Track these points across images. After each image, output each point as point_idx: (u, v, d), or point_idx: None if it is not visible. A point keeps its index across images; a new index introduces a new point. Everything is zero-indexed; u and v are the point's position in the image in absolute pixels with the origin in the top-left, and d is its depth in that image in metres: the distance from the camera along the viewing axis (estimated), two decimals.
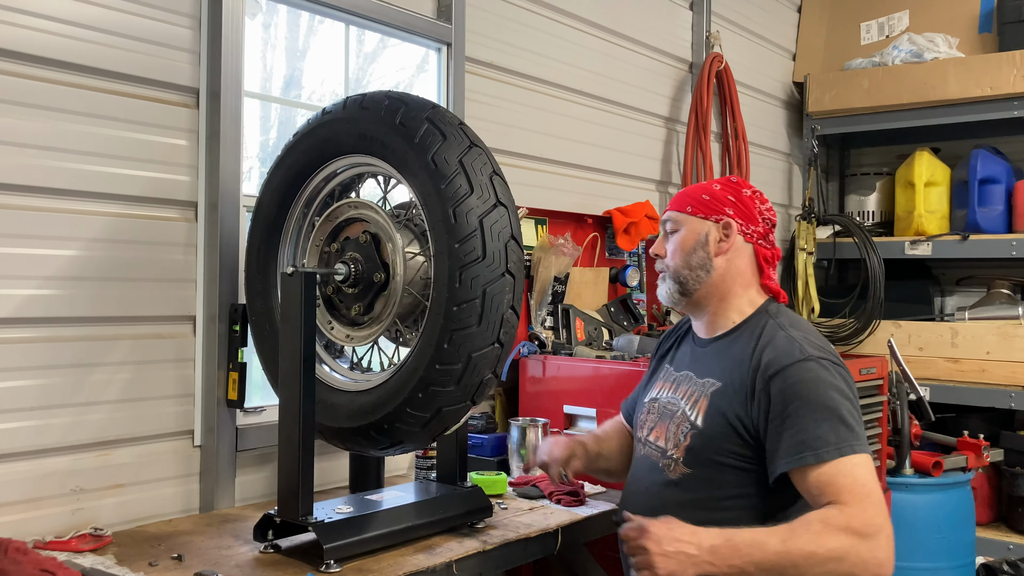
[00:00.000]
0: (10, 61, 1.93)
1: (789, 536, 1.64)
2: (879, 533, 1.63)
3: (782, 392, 1.76)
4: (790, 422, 1.74)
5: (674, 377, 2.04)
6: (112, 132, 2.10)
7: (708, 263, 1.95)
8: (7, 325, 1.94)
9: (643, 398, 2.11)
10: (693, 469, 1.88)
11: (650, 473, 1.96)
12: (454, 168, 1.78)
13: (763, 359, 1.82)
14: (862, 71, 4.58)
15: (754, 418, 1.80)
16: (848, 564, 1.61)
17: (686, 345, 2.10)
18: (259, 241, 2.10)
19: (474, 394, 1.80)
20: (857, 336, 4.54)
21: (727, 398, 1.87)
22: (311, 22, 2.72)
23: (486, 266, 1.74)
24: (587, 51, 3.54)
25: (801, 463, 1.70)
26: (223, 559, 1.84)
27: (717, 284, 1.96)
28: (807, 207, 4.72)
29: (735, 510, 1.85)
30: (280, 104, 2.68)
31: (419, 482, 2.32)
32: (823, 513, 1.66)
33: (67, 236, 2.03)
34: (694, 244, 1.96)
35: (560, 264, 3.10)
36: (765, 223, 2.00)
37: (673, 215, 2.02)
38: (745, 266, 1.97)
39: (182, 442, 2.24)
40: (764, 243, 1.99)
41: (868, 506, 1.65)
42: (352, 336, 1.99)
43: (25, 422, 1.97)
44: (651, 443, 1.99)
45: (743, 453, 1.83)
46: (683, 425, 1.91)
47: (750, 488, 1.84)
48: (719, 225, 1.96)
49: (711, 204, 1.98)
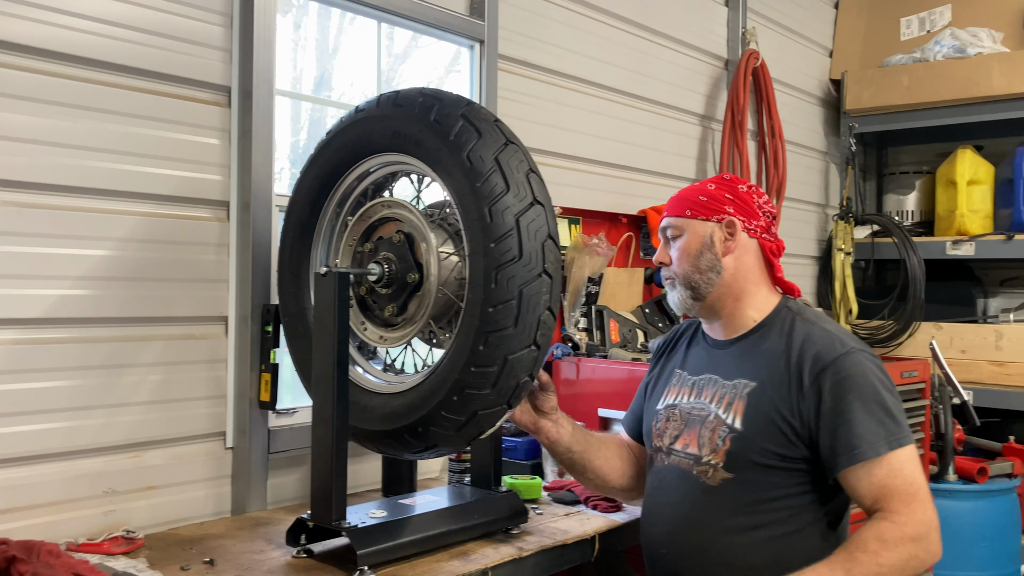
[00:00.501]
0: (43, 60, 1.92)
1: (851, 564, 1.65)
2: (930, 529, 1.69)
3: (833, 387, 1.77)
4: (843, 418, 1.75)
5: (692, 381, 2.00)
6: (144, 131, 2.08)
7: (717, 264, 1.93)
8: (40, 326, 1.93)
9: (653, 406, 2.06)
10: (735, 474, 1.83)
11: (682, 482, 1.91)
12: (490, 166, 1.73)
13: (806, 354, 1.82)
14: (902, 67, 4.48)
15: (804, 415, 1.79)
16: (911, 570, 1.66)
17: (697, 348, 2.06)
18: (292, 241, 2.07)
19: (510, 397, 1.75)
20: (896, 338, 4.44)
21: (766, 397, 1.83)
22: (341, 22, 2.69)
23: (522, 266, 1.70)
24: (621, 48, 3.49)
25: (856, 459, 1.73)
26: (255, 564, 1.82)
27: (730, 284, 1.94)
28: (845, 207, 4.63)
29: (780, 511, 1.81)
30: (312, 103, 2.66)
31: (453, 486, 2.28)
32: (876, 529, 1.68)
33: (99, 236, 2.02)
34: (700, 247, 1.94)
35: (594, 264, 3.05)
36: (766, 216, 1.98)
37: (673, 221, 1.99)
38: (754, 262, 1.96)
39: (214, 444, 2.22)
40: (768, 236, 1.98)
41: (917, 507, 1.69)
42: (385, 337, 1.95)
43: (57, 423, 1.95)
44: (678, 451, 1.94)
45: (787, 454, 1.81)
46: (719, 429, 1.86)
47: (795, 488, 1.82)
48: (722, 224, 1.94)
49: (710, 204, 1.95)
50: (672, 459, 1.95)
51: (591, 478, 2.09)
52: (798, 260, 4.60)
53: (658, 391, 2.08)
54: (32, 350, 1.92)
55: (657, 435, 2.01)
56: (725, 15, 4.06)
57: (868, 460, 1.72)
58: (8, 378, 1.88)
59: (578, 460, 2.06)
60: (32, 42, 1.90)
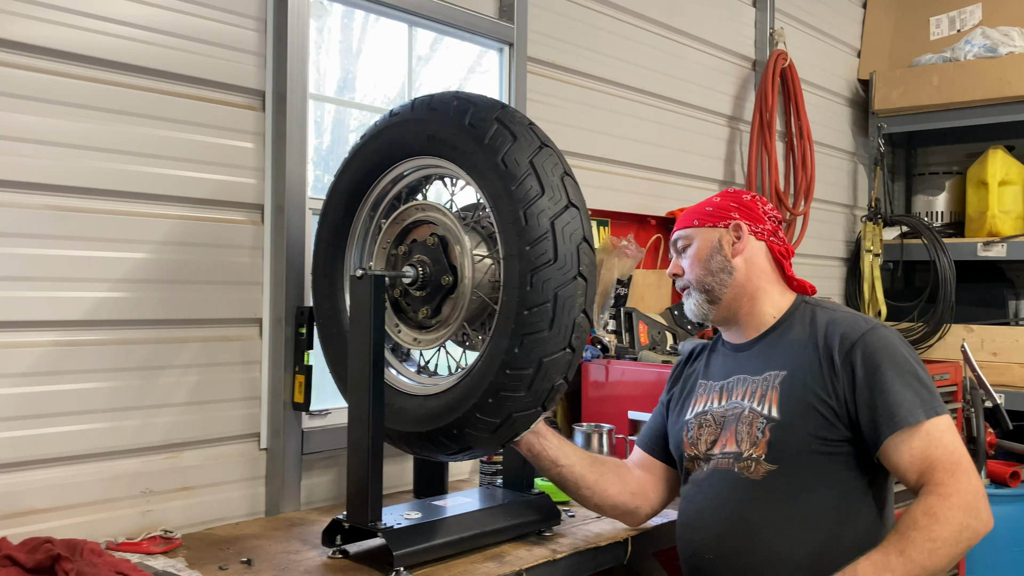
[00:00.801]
0: (83, 66, 1.95)
1: (905, 544, 1.64)
2: (977, 497, 1.68)
3: (864, 362, 1.80)
4: (879, 389, 1.77)
5: (719, 386, 2.01)
6: (180, 135, 2.10)
7: (728, 265, 1.98)
8: (79, 328, 1.96)
9: (681, 419, 2.06)
10: (778, 465, 1.84)
11: (724, 483, 1.90)
12: (525, 169, 1.74)
13: (833, 335, 1.86)
14: (932, 67, 4.44)
15: (840, 393, 1.81)
16: (965, 540, 1.65)
17: (719, 357, 2.07)
18: (326, 244, 2.08)
19: (545, 400, 1.76)
20: (926, 340, 4.41)
21: (800, 381, 1.86)
22: (364, 24, 2.69)
23: (558, 269, 1.70)
24: (649, 49, 3.49)
25: (897, 426, 1.74)
26: (292, 564, 1.83)
27: (743, 284, 1.98)
28: (873, 208, 4.60)
29: (827, 501, 1.82)
30: (345, 106, 2.67)
31: (485, 488, 2.29)
32: (924, 505, 1.68)
33: (137, 239, 2.04)
34: (710, 251, 1.99)
35: (623, 266, 3.05)
36: (771, 221, 2.04)
37: (682, 232, 2.06)
38: (765, 262, 2.01)
39: (248, 445, 2.24)
40: (775, 239, 2.03)
41: (961, 476, 1.69)
42: (419, 339, 1.96)
43: (96, 424, 1.98)
44: (717, 454, 1.93)
45: (828, 436, 1.82)
46: (757, 421, 1.87)
47: (841, 472, 1.83)
48: (729, 228, 2.00)
49: (716, 213, 2.02)
50: (711, 464, 1.94)
51: (588, 495, 2.02)
52: (826, 262, 4.57)
53: (683, 405, 2.09)
54: (72, 352, 1.94)
55: (690, 444, 2.00)
56: (753, 16, 4.05)
57: (908, 427, 1.73)
58: (49, 379, 1.91)
59: (568, 475, 1.99)
60: (73, 48, 1.93)
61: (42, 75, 1.89)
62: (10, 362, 1.86)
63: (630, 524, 2.10)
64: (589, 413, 2.83)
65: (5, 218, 1.84)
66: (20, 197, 1.86)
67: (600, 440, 2.55)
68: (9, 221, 1.85)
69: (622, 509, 2.06)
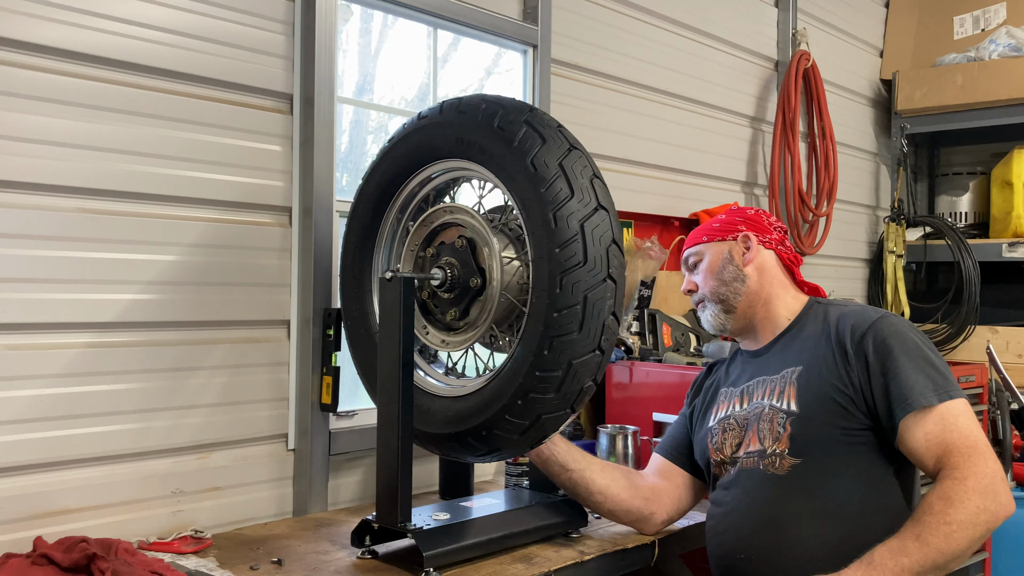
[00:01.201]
0: (114, 70, 1.97)
1: (921, 529, 1.64)
2: (995, 480, 1.67)
3: (876, 349, 1.82)
4: (891, 374, 1.80)
5: (740, 390, 2.04)
6: (209, 138, 2.12)
7: (740, 273, 2.04)
8: (111, 329, 1.98)
9: (704, 427, 2.09)
10: (802, 458, 1.86)
11: (752, 482, 1.92)
12: (554, 171, 1.74)
13: (844, 327, 1.89)
14: (956, 67, 4.41)
15: (855, 383, 1.83)
16: (983, 524, 1.64)
17: (738, 365, 2.11)
18: (354, 246, 2.09)
19: (574, 402, 1.76)
20: (951, 342, 4.38)
21: (815, 374, 1.88)
22: (382, 26, 2.69)
23: (587, 271, 1.70)
24: (671, 50, 3.48)
25: (909, 408, 1.75)
26: (322, 564, 1.84)
27: (756, 291, 2.04)
28: (896, 208, 4.57)
29: (853, 492, 1.82)
30: (371, 109, 2.69)
31: (511, 489, 2.29)
32: (939, 490, 1.68)
33: (167, 241, 2.06)
34: (721, 263, 2.06)
35: (647, 268, 3.05)
36: (777, 231, 2.12)
37: (692, 250, 2.13)
38: (775, 269, 2.07)
39: (276, 446, 2.26)
40: (783, 247, 2.10)
41: (977, 459, 1.69)
42: (448, 341, 1.97)
43: (127, 424, 2.00)
44: (742, 456, 1.95)
45: (848, 425, 1.84)
46: (777, 417, 1.90)
47: (863, 462, 1.84)
48: (738, 240, 2.07)
49: (723, 228, 2.10)
50: (738, 466, 1.96)
51: (599, 500, 2.03)
52: (848, 263, 4.55)
53: (705, 413, 2.12)
54: (104, 353, 1.97)
55: (716, 450, 2.02)
56: (775, 16, 4.03)
57: (920, 409, 1.74)
58: (82, 380, 1.93)
59: (578, 480, 2.01)
60: (107, 53, 1.95)
61: (78, 80, 1.91)
62: (44, 363, 1.88)
63: (644, 531, 2.09)
64: (613, 415, 2.83)
65: (40, 221, 1.87)
66: (54, 200, 1.89)
67: (625, 442, 2.55)
68: (44, 224, 1.87)
69: (636, 515, 2.06)
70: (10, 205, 1.83)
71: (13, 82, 1.83)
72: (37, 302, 1.86)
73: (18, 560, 1.66)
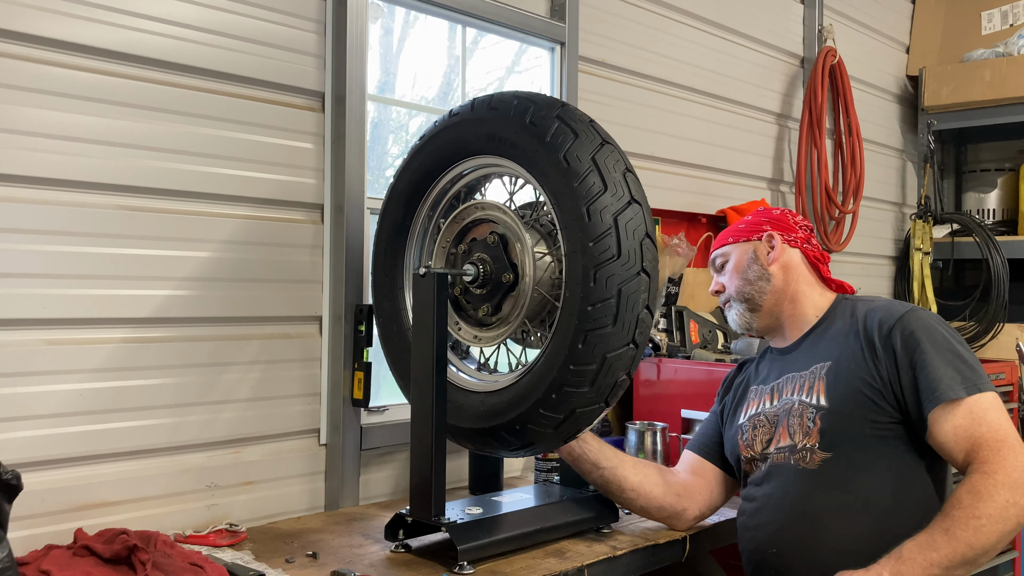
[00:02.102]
0: (149, 68, 1.99)
1: (950, 523, 1.64)
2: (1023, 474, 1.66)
3: (903, 343, 1.82)
4: (919, 367, 1.79)
5: (770, 388, 2.05)
6: (242, 136, 2.14)
7: (765, 272, 2.05)
8: (148, 325, 2.00)
9: (735, 424, 2.09)
10: (832, 452, 1.86)
11: (783, 478, 1.93)
12: (587, 166, 1.75)
13: (872, 322, 1.89)
14: (984, 62, 4.37)
15: (884, 376, 1.83)
16: (1012, 518, 1.63)
17: (767, 363, 2.12)
18: (386, 243, 2.11)
19: (608, 396, 1.76)
20: (979, 340, 4.33)
21: (845, 369, 1.89)
22: (405, 22, 2.70)
23: (621, 265, 1.71)
24: (697, 47, 3.48)
25: (937, 401, 1.75)
26: (356, 558, 1.86)
27: (782, 288, 2.04)
28: (923, 205, 4.53)
29: (884, 485, 1.82)
30: (401, 107, 2.70)
31: (541, 484, 2.30)
32: (968, 484, 1.67)
33: (201, 238, 2.08)
34: (746, 262, 2.07)
35: (674, 265, 3.05)
36: (803, 229, 2.11)
37: (719, 251, 2.15)
38: (801, 266, 2.07)
39: (308, 441, 2.28)
40: (809, 246, 2.10)
41: (1007, 453, 1.68)
42: (480, 337, 1.98)
43: (163, 419, 2.02)
44: (773, 452, 1.96)
45: (878, 419, 1.83)
46: (807, 412, 1.90)
47: (894, 456, 1.84)
48: (762, 240, 2.07)
49: (749, 228, 2.11)
50: (768, 462, 1.96)
51: (632, 497, 2.04)
52: (875, 260, 4.52)
53: (736, 411, 2.13)
54: (141, 348, 1.99)
55: (746, 446, 2.03)
56: (801, 12, 4.02)
57: (948, 402, 1.74)
58: (119, 375, 1.96)
59: (610, 477, 2.03)
60: (142, 52, 1.97)
61: (116, 79, 1.94)
62: (83, 358, 1.90)
63: (676, 527, 2.09)
64: (641, 412, 2.83)
65: (80, 218, 1.89)
66: (94, 198, 1.91)
67: (654, 438, 2.55)
68: (84, 221, 1.90)
69: (668, 511, 2.07)
70: (52, 202, 1.86)
71: (53, 81, 1.85)
72: (76, 298, 1.89)
73: (60, 551, 1.69)
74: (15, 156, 1.81)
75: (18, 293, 1.81)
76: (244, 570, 1.71)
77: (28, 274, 1.83)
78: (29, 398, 1.83)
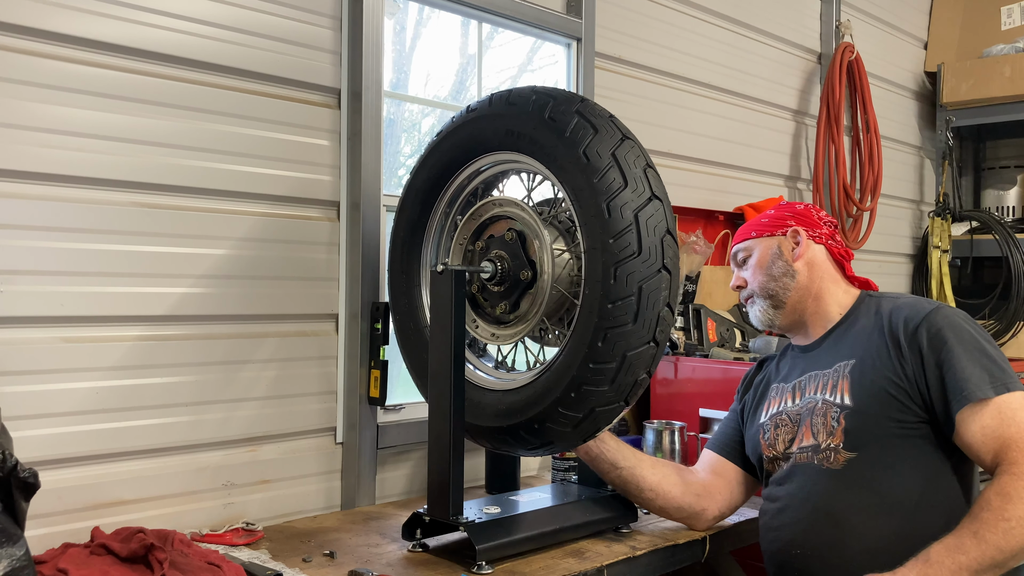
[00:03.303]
0: (164, 65, 1.98)
1: (978, 526, 1.61)
2: None
3: (930, 341, 1.79)
4: (947, 366, 1.76)
5: (792, 386, 2.02)
6: (259, 133, 2.13)
7: (790, 269, 2.01)
8: (164, 323, 1.99)
9: (756, 423, 2.07)
10: (857, 452, 1.83)
11: (806, 477, 1.90)
12: (607, 161, 1.73)
13: (897, 319, 1.86)
14: (1004, 58, 4.33)
15: (910, 375, 1.80)
16: None
17: (789, 360, 2.09)
18: (402, 240, 2.09)
19: (628, 394, 1.74)
20: (999, 338, 4.29)
21: (869, 367, 1.86)
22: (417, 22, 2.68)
23: (642, 262, 1.68)
24: (714, 43, 3.45)
25: (965, 401, 1.71)
26: (373, 557, 1.84)
27: (807, 285, 2.01)
28: (941, 203, 4.49)
29: (910, 486, 1.79)
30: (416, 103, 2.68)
31: (559, 484, 2.28)
32: (997, 485, 1.64)
33: (218, 235, 2.07)
34: (771, 258, 2.03)
35: (692, 262, 3.02)
36: (827, 225, 2.08)
37: (741, 245, 2.11)
38: (826, 263, 2.04)
39: (325, 439, 2.26)
40: (834, 242, 2.07)
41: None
42: (498, 335, 1.96)
43: (180, 417, 2.02)
44: (796, 451, 1.93)
45: (904, 418, 1.81)
46: (831, 411, 1.88)
47: (920, 456, 1.81)
48: (787, 235, 2.04)
49: (773, 223, 2.08)
50: (791, 461, 1.94)
51: (651, 497, 2.03)
52: (892, 258, 4.48)
53: (756, 410, 2.10)
54: (157, 346, 1.98)
55: (768, 446, 2.00)
56: (819, 8, 3.98)
57: (976, 402, 1.70)
58: (135, 373, 1.95)
59: (628, 478, 2.01)
60: (157, 48, 1.96)
61: (130, 75, 1.93)
62: (100, 356, 1.90)
63: (695, 527, 2.07)
64: (658, 411, 2.81)
65: (96, 216, 1.88)
66: (109, 195, 1.91)
67: (672, 437, 2.53)
68: (100, 218, 1.89)
69: (687, 511, 2.04)
70: (68, 199, 1.85)
71: (69, 78, 1.85)
72: (93, 295, 1.88)
73: (76, 550, 1.68)
74: (32, 152, 1.80)
75: (35, 291, 1.81)
76: (261, 569, 1.69)
77: (45, 271, 1.82)
78: (46, 396, 1.82)
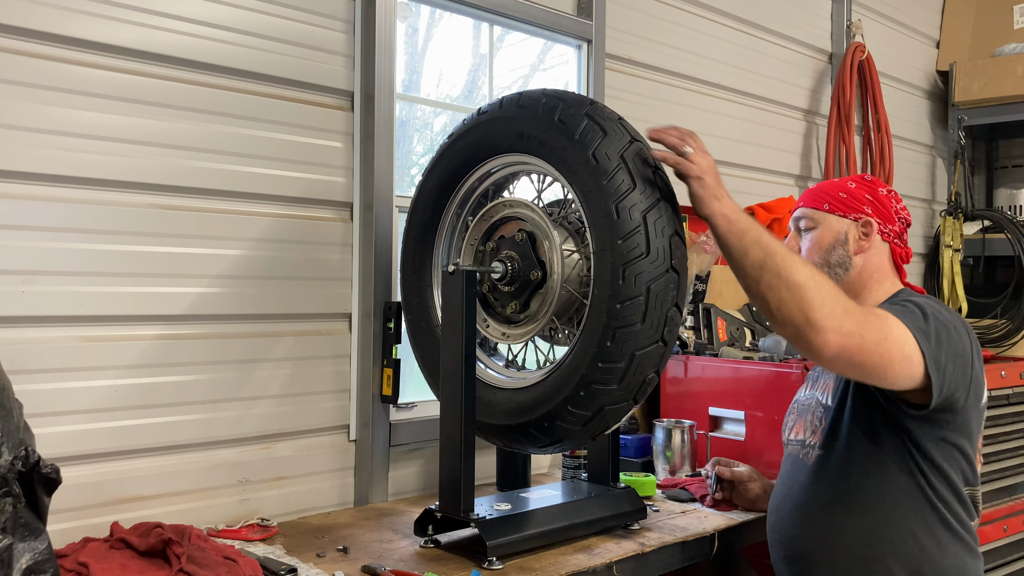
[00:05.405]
0: (182, 69, 2.02)
1: (777, 246, 1.68)
2: (888, 327, 1.65)
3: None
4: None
5: (814, 377, 2.06)
6: (273, 135, 2.17)
7: (847, 261, 1.93)
8: (181, 322, 2.03)
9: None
10: (825, 450, 1.88)
11: (792, 468, 1.98)
12: (616, 163, 1.75)
13: None
14: (1016, 56, 4.31)
15: None
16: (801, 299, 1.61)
17: None
18: (414, 241, 2.12)
19: (636, 393, 1.77)
20: (1010, 338, 4.27)
21: None
22: (428, 24, 2.71)
23: (650, 262, 1.71)
24: (725, 43, 3.46)
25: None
26: (386, 552, 1.87)
27: (854, 281, 1.94)
28: (953, 202, 4.48)
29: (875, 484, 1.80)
30: (428, 106, 2.71)
31: (569, 481, 2.31)
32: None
33: (233, 236, 2.11)
34: (833, 242, 1.93)
35: (701, 262, 3.04)
36: (901, 222, 1.97)
37: (808, 212, 1.99)
38: (884, 263, 1.95)
39: (338, 437, 2.30)
40: (899, 242, 1.97)
41: (873, 318, 1.66)
42: (508, 334, 1.99)
43: (197, 415, 2.05)
44: (791, 441, 2.01)
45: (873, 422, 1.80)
46: (817, 411, 1.93)
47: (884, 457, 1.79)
48: (859, 224, 1.93)
49: (849, 202, 1.94)
50: (788, 450, 2.02)
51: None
52: None
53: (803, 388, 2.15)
54: (174, 345, 2.02)
55: (783, 431, 2.08)
56: (829, 8, 3.99)
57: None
58: (153, 371, 1.99)
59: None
60: (176, 52, 2.00)
61: (146, 79, 1.97)
62: (118, 355, 1.94)
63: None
64: (668, 409, 2.83)
65: (114, 217, 1.92)
66: (127, 196, 1.94)
67: (681, 436, 2.56)
68: (118, 220, 1.93)
69: None
70: (87, 201, 1.89)
71: (86, 82, 1.88)
72: (112, 295, 1.92)
73: (96, 544, 1.72)
74: (50, 156, 1.84)
75: (56, 291, 1.85)
76: (277, 564, 1.73)
77: (65, 272, 1.86)
78: (66, 394, 1.86)
